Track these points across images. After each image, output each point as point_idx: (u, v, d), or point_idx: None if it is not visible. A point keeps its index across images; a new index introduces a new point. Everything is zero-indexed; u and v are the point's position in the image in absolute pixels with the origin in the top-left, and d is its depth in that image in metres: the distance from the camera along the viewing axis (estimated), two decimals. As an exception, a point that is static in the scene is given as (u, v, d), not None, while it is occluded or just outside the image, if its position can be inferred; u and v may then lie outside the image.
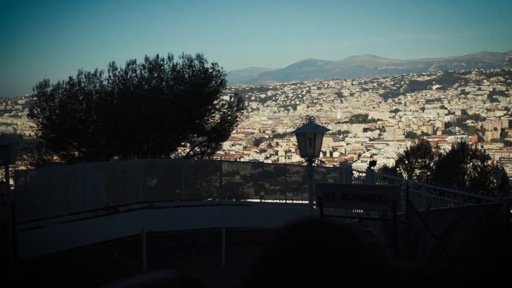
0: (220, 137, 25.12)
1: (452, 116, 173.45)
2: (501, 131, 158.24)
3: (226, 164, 21.34)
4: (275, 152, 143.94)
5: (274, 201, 19.68)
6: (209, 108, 24.19)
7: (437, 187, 15.52)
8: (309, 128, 8.96)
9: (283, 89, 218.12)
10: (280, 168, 21.95)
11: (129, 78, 23.30)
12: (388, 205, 7.96)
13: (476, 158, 31.18)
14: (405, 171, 31.60)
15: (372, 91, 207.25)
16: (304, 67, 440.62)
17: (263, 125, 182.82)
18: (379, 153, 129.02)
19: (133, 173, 17.15)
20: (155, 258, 14.16)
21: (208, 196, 19.68)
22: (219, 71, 24.02)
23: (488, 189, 25.83)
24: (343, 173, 19.31)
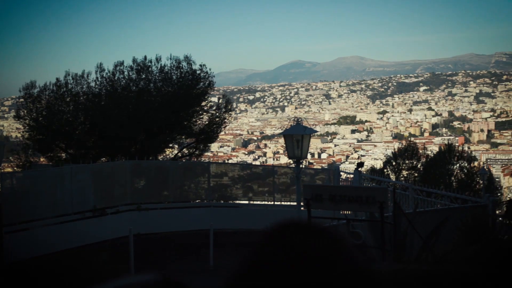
0: (208, 139, 25.08)
1: (439, 117, 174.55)
2: (487, 132, 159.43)
3: (214, 166, 21.33)
4: (263, 153, 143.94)
5: (263, 202, 19.68)
6: (197, 110, 24.15)
7: (424, 188, 15.61)
8: (296, 130, 8.97)
9: (271, 90, 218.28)
10: (268, 169, 21.98)
11: (116, 80, 23.21)
12: (375, 207, 7.99)
13: (462, 160, 31.39)
14: (392, 172, 31.74)
15: (360, 92, 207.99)
16: (292, 69, 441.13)
17: (251, 126, 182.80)
18: (367, 155, 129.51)
19: (120, 175, 17.08)
20: (143, 260, 14.10)
21: (196, 198, 19.66)
22: (207, 72, 24.01)
23: (474, 190, 26.03)
24: (331, 174, 19.36)
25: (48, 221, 14.48)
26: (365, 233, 8.84)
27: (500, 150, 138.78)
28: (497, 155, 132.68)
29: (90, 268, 13.02)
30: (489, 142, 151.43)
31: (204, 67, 23.93)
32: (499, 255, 7.55)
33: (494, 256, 7.71)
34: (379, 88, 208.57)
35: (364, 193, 8.11)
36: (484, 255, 7.90)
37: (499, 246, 8.40)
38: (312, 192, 8.38)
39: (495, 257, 7.55)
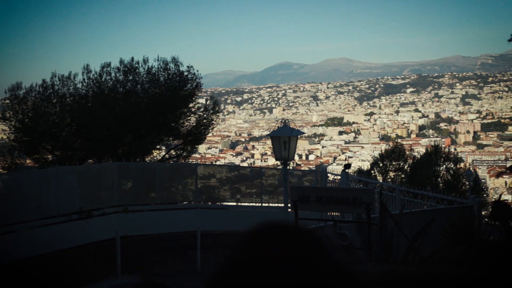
0: (195, 140, 25.04)
1: (426, 119, 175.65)
2: (473, 134, 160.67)
3: (202, 167, 21.30)
4: (251, 155, 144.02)
5: (250, 204, 19.68)
6: (185, 111, 24.12)
7: (410, 190, 15.68)
8: (283, 131, 8.98)
9: (259, 92, 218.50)
10: (256, 171, 21.99)
11: (103, 81, 23.11)
12: (362, 208, 8.01)
13: (449, 161, 31.62)
14: (379, 173, 31.90)
15: (348, 94, 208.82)
16: (279, 70, 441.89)
17: (239, 128, 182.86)
18: (354, 156, 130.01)
19: (107, 177, 17.01)
20: (129, 263, 14.04)
21: (183, 200, 19.61)
22: (195, 74, 23.98)
23: (460, 192, 26.21)
24: (319, 176, 19.40)
25: (34, 223, 14.38)
26: (352, 235, 8.87)
27: (486, 151, 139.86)
28: (483, 157, 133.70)
29: (76, 271, 12.94)
30: (475, 144, 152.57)
31: (191, 69, 23.94)
32: (485, 256, 7.61)
33: (479, 256, 7.77)
34: (366, 90, 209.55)
35: (351, 195, 8.13)
36: (470, 256, 7.96)
37: (485, 247, 8.46)
38: (299, 193, 8.39)
39: (480, 258, 7.61)
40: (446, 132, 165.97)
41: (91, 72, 23.12)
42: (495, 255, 7.25)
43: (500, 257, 6.86)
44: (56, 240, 14.20)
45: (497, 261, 6.78)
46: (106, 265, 13.79)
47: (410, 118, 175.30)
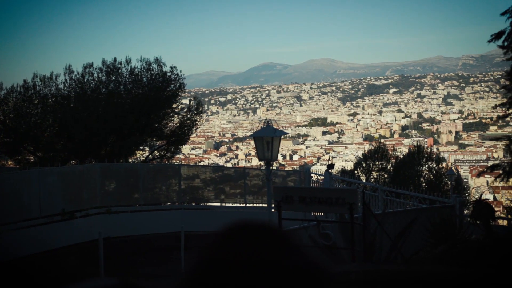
0: (179, 141, 24.97)
1: (409, 119, 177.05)
2: (455, 134, 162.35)
3: (186, 168, 21.23)
4: (235, 155, 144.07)
5: (234, 204, 19.69)
6: (168, 112, 24.03)
7: (393, 189, 15.78)
8: (266, 132, 8.99)
9: (243, 92, 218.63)
10: (240, 171, 21.97)
11: (86, 82, 22.94)
12: (345, 208, 8.05)
13: (431, 161, 31.86)
14: (363, 173, 32.04)
15: (331, 94, 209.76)
16: (263, 71, 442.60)
17: (223, 128, 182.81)
18: (338, 156, 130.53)
19: (89, 178, 16.89)
20: (113, 264, 13.96)
21: (167, 200, 19.54)
22: (178, 74, 23.90)
23: (443, 191, 26.43)
24: (302, 176, 19.47)
25: (15, 225, 14.24)
26: (335, 234, 8.91)
27: (468, 151, 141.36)
28: (465, 156, 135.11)
29: (59, 273, 12.84)
30: (457, 143, 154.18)
31: (174, 69, 23.85)
32: (466, 254, 7.70)
33: (461, 255, 7.85)
34: (349, 90, 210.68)
35: (334, 195, 8.17)
36: (452, 254, 8.04)
37: (466, 246, 8.55)
38: (283, 194, 8.41)
39: (462, 257, 7.69)
40: (429, 132, 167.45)
41: (73, 72, 22.94)
42: (476, 253, 7.33)
43: (481, 255, 6.94)
44: (38, 242, 14.08)
45: (477, 259, 6.86)
46: (89, 266, 13.70)
47: (393, 118, 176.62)
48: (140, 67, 23.36)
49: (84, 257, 14.34)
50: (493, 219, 10.91)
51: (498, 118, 16.54)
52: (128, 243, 16.04)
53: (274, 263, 0.98)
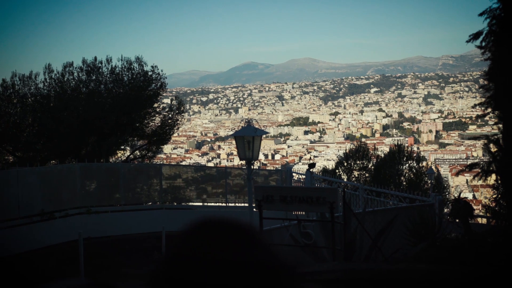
0: (160, 141, 24.88)
1: (390, 118, 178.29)
2: (435, 133, 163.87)
3: (168, 168, 21.14)
4: (217, 155, 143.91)
5: (216, 204, 19.66)
6: (149, 111, 23.93)
7: (373, 188, 15.88)
8: (247, 131, 9.00)
9: (225, 92, 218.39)
10: (222, 171, 21.95)
11: (66, 81, 22.73)
12: (325, 207, 8.09)
13: (412, 160, 32.13)
14: (344, 173, 32.21)
15: (313, 94, 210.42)
16: (245, 70, 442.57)
17: (205, 128, 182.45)
18: (319, 155, 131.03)
19: (69, 178, 16.75)
20: (93, 265, 13.86)
21: (148, 200, 19.45)
22: (159, 74, 23.81)
23: (423, 190, 26.67)
24: (284, 175, 19.52)
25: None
26: (316, 233, 8.94)
27: (448, 150, 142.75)
28: (445, 155, 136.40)
29: (38, 273, 12.72)
30: (437, 143, 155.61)
31: (156, 68, 23.76)
32: (445, 252, 7.78)
33: (440, 253, 7.94)
34: (331, 90, 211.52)
35: (315, 194, 8.20)
36: (431, 252, 8.12)
37: (445, 244, 8.64)
38: (263, 193, 8.43)
39: (441, 254, 7.77)
40: (409, 132, 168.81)
41: (53, 71, 22.73)
42: (454, 251, 7.42)
43: (458, 253, 7.03)
44: (17, 243, 13.93)
45: (455, 257, 6.94)
46: (69, 267, 13.59)
47: (374, 118, 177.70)
48: (121, 66, 23.24)
49: (64, 257, 14.22)
50: (471, 218, 11.04)
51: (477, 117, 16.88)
52: (109, 243, 15.93)
53: (237, 259, 0.99)
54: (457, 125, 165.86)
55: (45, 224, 15.10)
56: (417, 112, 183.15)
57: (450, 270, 6.36)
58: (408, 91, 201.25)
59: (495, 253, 6.89)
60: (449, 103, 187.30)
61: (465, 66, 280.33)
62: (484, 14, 8.00)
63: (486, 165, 9.50)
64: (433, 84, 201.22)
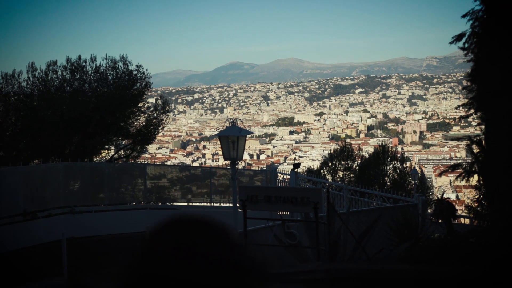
0: (145, 140, 24.79)
1: (374, 119, 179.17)
2: (419, 134, 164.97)
3: (152, 167, 21.07)
4: (202, 155, 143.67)
5: (201, 204, 19.63)
6: (134, 111, 23.83)
7: (357, 189, 15.95)
8: (232, 131, 9.00)
9: (210, 92, 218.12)
10: (207, 171, 21.92)
11: (49, 80, 22.57)
12: (310, 207, 8.11)
13: (396, 160, 32.30)
14: (329, 173, 32.31)
15: (298, 94, 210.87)
16: (230, 70, 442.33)
17: (190, 128, 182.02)
18: (304, 156, 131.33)
19: (53, 177, 16.62)
20: (76, 265, 13.77)
21: (133, 200, 19.37)
22: (144, 73, 23.73)
23: (407, 190, 26.84)
24: (269, 175, 19.54)
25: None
26: (300, 234, 8.96)
27: (432, 151, 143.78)
28: (429, 156, 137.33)
29: (20, 274, 12.61)
30: (421, 143, 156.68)
31: (140, 68, 23.68)
32: (427, 252, 7.84)
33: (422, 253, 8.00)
34: (316, 90, 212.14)
35: (299, 194, 8.21)
36: (414, 252, 8.18)
37: (428, 244, 8.70)
38: (248, 193, 8.42)
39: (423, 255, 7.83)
40: (394, 132, 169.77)
41: (37, 70, 22.55)
42: (436, 251, 7.47)
43: (441, 253, 7.08)
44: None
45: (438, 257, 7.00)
46: (52, 267, 13.48)
47: (359, 118, 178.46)
48: (105, 65, 23.12)
49: (47, 258, 14.11)
50: (454, 218, 11.13)
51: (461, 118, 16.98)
52: (92, 243, 15.83)
53: (204, 255, 0.99)
54: (441, 126, 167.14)
55: (28, 224, 14.98)
56: (402, 113, 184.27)
57: (432, 270, 6.41)
58: (393, 92, 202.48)
59: (478, 253, 6.95)
60: (433, 104, 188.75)
61: (449, 67, 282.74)
62: (467, 16, 8.08)
63: (469, 166, 9.59)
64: (417, 85, 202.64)
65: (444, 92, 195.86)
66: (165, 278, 0.99)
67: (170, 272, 0.99)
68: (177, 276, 0.98)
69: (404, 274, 6.10)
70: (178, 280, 0.96)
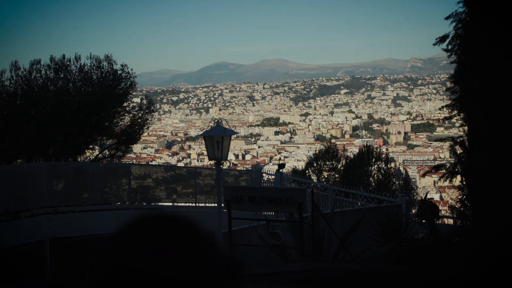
0: (130, 140, 24.65)
1: (359, 120, 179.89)
2: (404, 134, 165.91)
3: (137, 167, 20.98)
4: (187, 155, 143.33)
5: (186, 204, 19.58)
6: (119, 110, 23.69)
7: (341, 189, 16.01)
8: (216, 131, 9.00)
9: (196, 92, 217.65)
10: (192, 171, 21.89)
11: (33, 79, 22.36)
12: (294, 207, 8.12)
13: (380, 161, 32.50)
14: (314, 173, 32.42)
15: (283, 95, 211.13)
16: (216, 70, 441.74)
17: (175, 127, 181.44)
18: (290, 156, 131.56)
19: (36, 177, 16.46)
20: (59, 266, 13.68)
21: (117, 200, 19.25)
22: (129, 72, 23.61)
23: (391, 191, 27.02)
24: (254, 175, 19.56)
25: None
26: (284, 234, 8.99)
27: (416, 151, 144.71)
28: (413, 157, 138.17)
29: (1, 275, 12.49)
30: (406, 144, 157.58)
31: (125, 67, 23.54)
32: (411, 252, 7.89)
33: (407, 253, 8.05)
34: (301, 91, 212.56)
35: (284, 194, 8.23)
36: (398, 252, 8.23)
37: (412, 244, 8.77)
38: (232, 193, 8.42)
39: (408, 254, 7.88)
40: (379, 133, 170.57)
41: (20, 69, 22.32)
42: (421, 251, 7.53)
43: (425, 253, 7.14)
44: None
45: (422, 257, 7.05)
46: (35, 268, 13.38)
47: (344, 119, 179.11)
48: (90, 64, 22.96)
49: (30, 258, 14.00)
50: (437, 218, 11.22)
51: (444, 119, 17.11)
52: (76, 243, 15.72)
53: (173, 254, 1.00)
54: (425, 127, 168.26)
55: (10, 224, 14.82)
56: (386, 114, 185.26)
57: (416, 270, 6.45)
58: (378, 92, 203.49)
59: (460, 253, 7.01)
60: (418, 105, 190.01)
61: (433, 68, 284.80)
62: (450, 17, 8.15)
63: (452, 166, 9.66)
64: (402, 86, 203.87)
65: (428, 93, 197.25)
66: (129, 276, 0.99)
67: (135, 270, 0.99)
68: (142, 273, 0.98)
69: (388, 274, 6.14)
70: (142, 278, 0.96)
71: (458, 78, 8.43)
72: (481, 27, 6.97)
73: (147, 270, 0.97)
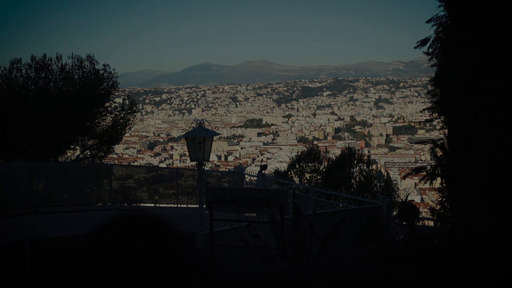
0: (112, 140, 24.52)
1: (342, 122, 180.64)
2: (386, 137, 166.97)
3: (119, 168, 20.89)
4: (170, 155, 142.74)
5: (168, 205, 19.52)
6: (101, 111, 23.55)
7: (323, 191, 16.08)
8: (198, 132, 9.00)
9: (178, 92, 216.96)
10: (174, 172, 21.83)
11: (13, 78, 22.14)
12: (276, 209, 8.15)
13: (362, 163, 32.67)
14: (296, 175, 32.48)
15: (266, 96, 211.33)
16: (199, 71, 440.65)
17: (157, 128, 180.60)
18: (272, 157, 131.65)
19: (16, 177, 16.31)
20: (39, 267, 13.55)
21: (98, 201, 19.13)
22: (111, 72, 23.49)
23: (372, 192, 27.18)
24: (236, 177, 19.57)
25: None
26: (266, 235, 9.01)
27: (398, 154, 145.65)
28: (395, 159, 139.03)
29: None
30: (387, 146, 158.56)
31: (107, 67, 23.42)
32: (391, 254, 7.96)
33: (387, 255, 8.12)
34: (284, 92, 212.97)
35: (265, 196, 8.25)
36: (379, 254, 8.29)
37: (392, 246, 8.84)
38: (214, 194, 8.43)
39: (387, 256, 7.95)
40: (361, 135, 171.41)
41: (0, 68, 22.12)
42: (401, 253, 7.60)
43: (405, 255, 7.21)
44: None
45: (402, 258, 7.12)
46: (15, 269, 13.24)
47: (327, 121, 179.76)
48: (71, 64, 22.80)
49: (10, 260, 13.84)
50: (418, 220, 11.31)
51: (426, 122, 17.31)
52: (56, 244, 15.59)
53: (146, 254, 1.01)
54: (407, 129, 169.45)
55: (-11, 225, 14.67)
56: (369, 116, 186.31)
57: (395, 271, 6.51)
58: (360, 95, 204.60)
59: (440, 254, 7.09)
60: (399, 108, 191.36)
61: (415, 71, 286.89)
62: (431, 21, 8.24)
63: (432, 169, 9.75)
64: (384, 89, 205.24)
65: (410, 96, 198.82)
66: (104, 272, 1.00)
67: (110, 266, 1.00)
68: (117, 269, 0.99)
69: (368, 275, 6.18)
70: (117, 274, 0.97)
71: (439, 81, 8.52)
72: (460, 31, 7.07)
73: (121, 266, 0.98)
